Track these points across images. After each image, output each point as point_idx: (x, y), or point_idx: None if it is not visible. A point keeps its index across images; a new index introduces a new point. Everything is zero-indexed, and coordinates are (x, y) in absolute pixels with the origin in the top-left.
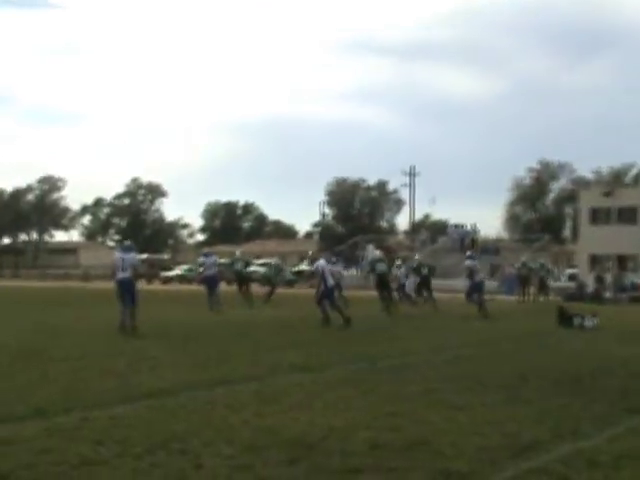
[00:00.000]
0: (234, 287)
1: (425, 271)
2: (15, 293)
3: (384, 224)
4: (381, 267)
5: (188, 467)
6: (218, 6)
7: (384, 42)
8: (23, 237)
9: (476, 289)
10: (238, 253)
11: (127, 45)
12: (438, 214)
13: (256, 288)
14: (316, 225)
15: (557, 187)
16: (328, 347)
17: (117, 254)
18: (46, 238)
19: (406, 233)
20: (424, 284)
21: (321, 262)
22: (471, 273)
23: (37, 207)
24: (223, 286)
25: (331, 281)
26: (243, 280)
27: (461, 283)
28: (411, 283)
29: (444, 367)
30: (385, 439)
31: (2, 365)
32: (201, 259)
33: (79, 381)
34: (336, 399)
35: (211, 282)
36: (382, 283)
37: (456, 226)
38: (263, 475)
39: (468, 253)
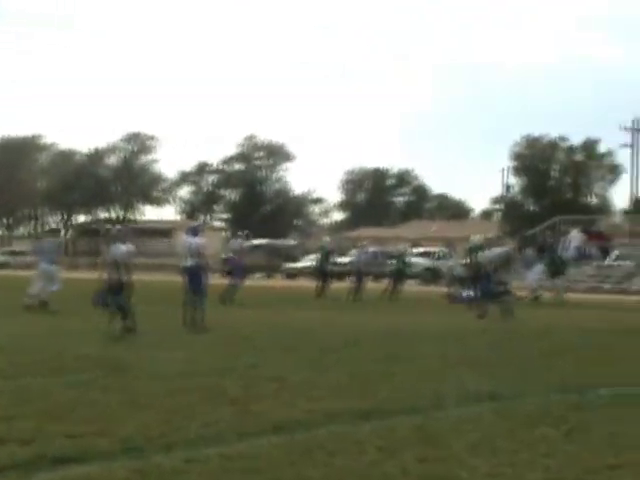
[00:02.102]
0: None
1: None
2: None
3: (593, 200)
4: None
5: None
6: None
7: None
8: (103, 214)
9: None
10: (328, 239)
11: None
12: None
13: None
14: (497, 201)
15: None
16: (516, 368)
17: (184, 237)
18: (132, 215)
19: (626, 213)
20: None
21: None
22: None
23: (121, 174)
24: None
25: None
26: (321, 275)
27: None
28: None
29: None
30: None
31: (81, 384)
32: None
33: (181, 407)
34: (530, 441)
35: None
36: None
37: None
38: None
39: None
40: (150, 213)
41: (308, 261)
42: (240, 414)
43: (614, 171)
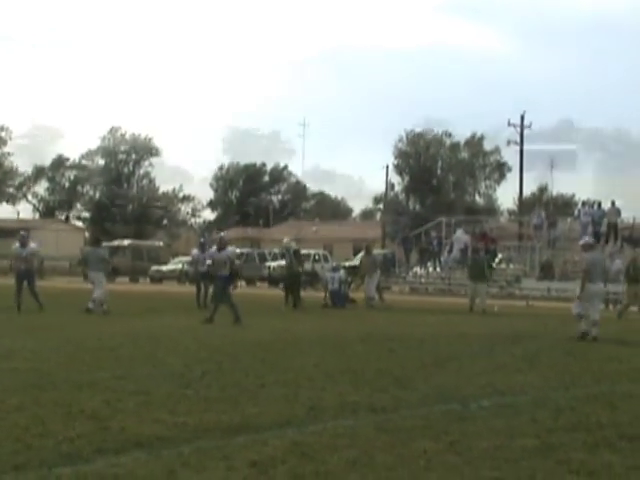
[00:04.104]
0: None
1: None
2: None
3: (479, 199)
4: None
5: None
6: None
7: None
8: None
9: None
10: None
11: None
12: (560, 186)
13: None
14: (379, 200)
15: None
16: (397, 378)
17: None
18: None
19: (512, 214)
20: (293, 281)
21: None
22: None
23: None
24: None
25: None
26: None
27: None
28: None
29: (569, 412)
30: None
31: None
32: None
33: (34, 423)
34: (410, 456)
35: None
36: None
37: (584, 203)
38: None
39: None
40: (3, 211)
41: (176, 264)
42: (100, 430)
43: (500, 169)
